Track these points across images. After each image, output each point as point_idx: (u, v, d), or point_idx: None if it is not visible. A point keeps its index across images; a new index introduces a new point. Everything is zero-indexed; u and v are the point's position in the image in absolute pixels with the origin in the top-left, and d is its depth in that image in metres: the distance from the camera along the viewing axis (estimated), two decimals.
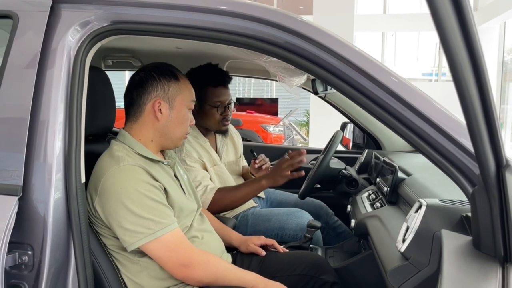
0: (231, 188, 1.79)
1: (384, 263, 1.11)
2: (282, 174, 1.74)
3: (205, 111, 1.86)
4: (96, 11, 1.05)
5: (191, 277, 1.17)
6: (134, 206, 1.11)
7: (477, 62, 0.54)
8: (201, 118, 1.87)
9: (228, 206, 1.78)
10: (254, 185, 1.77)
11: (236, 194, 1.76)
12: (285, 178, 1.74)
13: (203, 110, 1.86)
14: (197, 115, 1.84)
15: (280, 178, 1.75)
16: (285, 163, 1.75)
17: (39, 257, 0.98)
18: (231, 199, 1.75)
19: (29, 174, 1.00)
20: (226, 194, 1.75)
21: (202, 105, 1.85)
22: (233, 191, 1.77)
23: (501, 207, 0.69)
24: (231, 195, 1.75)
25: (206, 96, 1.84)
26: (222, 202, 1.74)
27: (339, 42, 0.97)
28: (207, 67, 1.88)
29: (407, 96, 0.92)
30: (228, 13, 0.99)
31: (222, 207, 1.76)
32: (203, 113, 1.86)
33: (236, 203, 1.79)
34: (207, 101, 1.85)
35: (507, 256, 0.71)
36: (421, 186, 1.35)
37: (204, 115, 1.87)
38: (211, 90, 1.85)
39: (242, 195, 1.76)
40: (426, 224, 0.97)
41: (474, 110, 0.60)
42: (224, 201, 1.74)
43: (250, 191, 1.77)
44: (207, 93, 1.84)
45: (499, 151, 0.64)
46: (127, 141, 1.24)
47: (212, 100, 1.85)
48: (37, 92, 1.03)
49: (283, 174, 1.74)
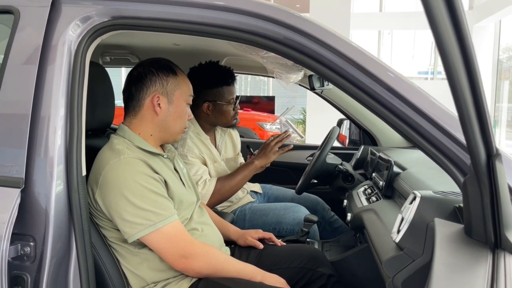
0: (228, 175, 1.86)
1: (380, 254, 1.13)
2: (272, 150, 1.86)
3: (222, 109, 1.90)
4: (97, 6, 1.07)
5: (191, 268, 1.19)
6: (134, 198, 1.13)
7: (468, 56, 0.57)
8: (216, 116, 1.91)
9: (229, 192, 1.84)
10: (248, 167, 1.86)
11: (234, 179, 1.84)
12: (276, 153, 1.87)
13: (220, 108, 1.90)
14: (211, 114, 1.87)
15: (271, 154, 1.87)
16: (273, 140, 1.87)
17: (41, 248, 1.00)
18: (230, 184, 1.82)
19: (31, 167, 1.02)
20: (225, 181, 1.82)
21: (218, 104, 1.89)
22: (230, 177, 1.85)
23: (492, 195, 0.71)
24: (230, 181, 1.83)
25: (222, 95, 1.89)
26: (223, 189, 1.80)
27: (337, 38, 0.99)
28: (216, 67, 1.90)
29: (404, 91, 0.94)
30: (227, 8, 1.01)
31: (223, 194, 1.82)
32: (219, 111, 1.90)
33: (235, 188, 1.85)
34: (223, 99, 1.89)
35: (497, 242, 0.74)
36: (416, 179, 1.37)
37: (219, 113, 1.91)
38: (227, 88, 1.89)
39: (240, 178, 1.84)
40: (420, 215, 0.99)
41: (465, 101, 0.62)
42: (225, 188, 1.81)
43: (246, 173, 1.86)
44: (223, 91, 1.89)
45: (489, 141, 0.66)
46: (127, 135, 1.26)
47: (228, 98, 1.90)
48: (38, 87, 1.04)
49: (273, 150, 1.86)
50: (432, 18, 0.53)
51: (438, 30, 0.54)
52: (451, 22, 0.54)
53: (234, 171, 1.88)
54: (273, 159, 1.88)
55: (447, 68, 0.57)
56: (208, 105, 1.88)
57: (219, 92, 1.88)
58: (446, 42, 0.55)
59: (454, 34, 0.55)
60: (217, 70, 1.89)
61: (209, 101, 1.87)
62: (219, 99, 1.88)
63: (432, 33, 0.55)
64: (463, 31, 0.55)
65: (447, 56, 0.57)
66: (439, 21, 0.53)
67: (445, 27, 0.54)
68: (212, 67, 1.89)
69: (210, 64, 1.90)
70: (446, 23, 0.54)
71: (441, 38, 0.55)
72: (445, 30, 0.54)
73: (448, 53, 0.57)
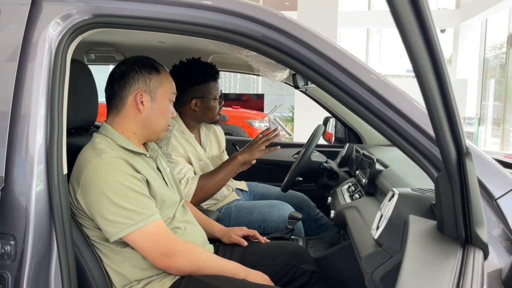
0: (211, 172, 1.84)
1: (360, 251, 1.15)
2: (259, 148, 1.84)
3: (209, 105, 1.91)
4: (78, 4, 1.06)
5: (173, 266, 1.20)
6: (116, 197, 1.13)
7: (436, 55, 0.58)
8: (204, 112, 1.92)
9: (212, 189, 1.82)
10: (231, 162, 1.85)
11: (217, 175, 1.82)
12: (262, 152, 1.86)
13: (208, 104, 1.91)
14: (198, 111, 1.88)
15: (256, 152, 1.85)
16: (262, 138, 1.86)
17: (22, 247, 1.00)
18: (213, 182, 1.80)
19: (11, 165, 1.01)
20: (208, 178, 1.80)
21: (207, 100, 1.90)
22: (213, 174, 1.82)
23: (462, 192, 0.73)
24: (213, 178, 1.81)
25: (210, 91, 1.90)
26: (206, 186, 1.78)
27: (316, 37, 1.00)
28: (201, 63, 1.91)
29: (382, 91, 0.96)
30: (207, 7, 1.01)
31: (206, 192, 1.80)
32: (207, 107, 1.91)
33: (219, 184, 1.83)
34: (210, 95, 1.90)
35: (468, 238, 0.76)
36: (397, 177, 1.40)
37: (206, 109, 1.91)
38: (213, 84, 1.91)
39: (223, 174, 1.82)
40: (398, 211, 1.01)
41: (434, 102, 0.64)
42: (207, 185, 1.79)
43: (229, 169, 1.84)
44: (210, 87, 1.90)
45: (459, 139, 0.68)
46: (109, 134, 1.26)
47: (215, 93, 1.92)
48: (18, 85, 1.03)
49: (260, 148, 1.84)
50: (397, 16, 0.54)
51: (404, 28, 0.55)
52: (416, 20, 0.55)
53: (217, 167, 1.87)
54: (257, 157, 1.86)
55: (414, 66, 0.58)
56: (196, 101, 1.88)
57: (207, 88, 1.89)
58: (413, 41, 0.56)
59: (420, 32, 0.56)
60: (203, 67, 1.90)
61: (197, 98, 1.88)
62: (207, 95, 1.89)
63: (398, 32, 0.56)
64: (429, 29, 0.56)
65: (414, 55, 0.58)
66: (404, 20, 0.54)
67: (410, 25, 0.55)
68: (197, 64, 1.90)
69: (194, 61, 1.91)
70: (412, 21, 0.55)
71: (407, 37, 0.56)
72: (411, 28, 0.55)
73: (415, 52, 0.58)
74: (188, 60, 1.91)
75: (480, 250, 0.75)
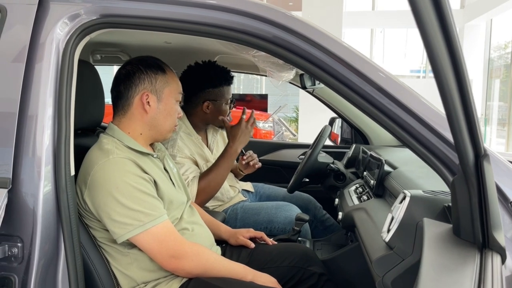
0: (210, 170, 1.82)
1: (370, 253, 1.14)
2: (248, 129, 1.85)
3: (221, 108, 1.91)
4: (85, 4, 1.05)
5: (181, 268, 1.18)
6: (123, 198, 1.12)
7: (456, 56, 0.57)
8: (213, 115, 1.91)
9: (216, 188, 1.81)
10: (227, 154, 1.82)
11: (218, 171, 1.80)
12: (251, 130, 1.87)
13: (219, 108, 1.91)
14: (209, 113, 1.87)
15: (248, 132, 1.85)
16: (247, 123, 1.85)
17: (29, 249, 0.99)
18: (216, 179, 1.79)
19: (18, 167, 1.00)
20: (209, 176, 1.79)
21: (219, 103, 1.90)
22: (213, 171, 1.81)
23: (480, 195, 0.72)
24: (214, 175, 1.79)
25: (223, 94, 1.90)
26: (209, 187, 1.78)
27: (327, 37, 0.99)
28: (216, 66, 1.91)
29: (393, 90, 0.95)
30: (217, 7, 1.00)
31: (210, 192, 1.79)
32: (217, 110, 1.91)
33: (222, 180, 1.82)
34: (223, 99, 1.91)
35: (485, 242, 0.74)
36: (406, 178, 1.38)
37: (217, 113, 1.91)
38: (227, 88, 1.92)
39: (224, 167, 1.81)
40: (410, 214, 0.99)
41: (453, 102, 0.62)
42: (211, 184, 1.78)
43: (227, 162, 1.82)
44: (223, 91, 1.90)
45: (477, 141, 0.67)
46: (116, 134, 1.25)
47: (227, 97, 1.93)
48: (26, 86, 1.03)
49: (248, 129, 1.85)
50: (419, 17, 0.53)
51: (425, 29, 0.54)
52: (438, 21, 0.54)
53: (214, 163, 1.84)
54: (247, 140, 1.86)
55: (435, 69, 0.57)
56: (208, 104, 1.88)
57: (221, 91, 1.89)
58: (434, 42, 0.55)
59: (442, 33, 0.55)
60: (219, 70, 1.90)
61: (210, 100, 1.88)
62: (220, 98, 1.90)
63: (420, 34, 0.55)
64: (451, 31, 0.55)
65: (434, 56, 0.57)
66: (426, 21, 0.53)
67: (432, 27, 0.54)
68: (213, 67, 1.90)
69: (211, 64, 1.91)
70: (433, 22, 0.54)
71: (428, 38, 0.55)
72: (432, 30, 0.54)
73: (436, 53, 0.57)
74: (204, 62, 1.91)
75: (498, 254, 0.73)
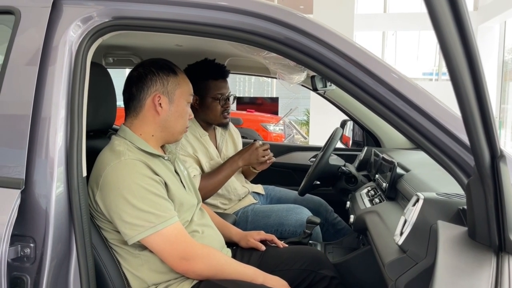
0: (211, 173, 1.87)
1: (382, 257, 1.12)
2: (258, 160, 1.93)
3: (207, 104, 1.91)
4: (98, 6, 1.06)
5: (192, 270, 1.18)
6: (135, 200, 1.12)
7: (473, 56, 0.56)
8: (203, 111, 1.92)
9: (212, 191, 1.86)
10: (231, 166, 1.89)
11: (218, 177, 1.86)
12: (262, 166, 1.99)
13: (205, 103, 1.91)
14: (199, 109, 1.89)
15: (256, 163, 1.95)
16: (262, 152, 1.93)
17: (41, 249, 1.00)
18: (214, 184, 1.85)
19: (31, 168, 1.02)
20: (210, 179, 1.84)
21: (204, 98, 1.90)
22: (214, 175, 1.86)
23: (496, 197, 0.70)
24: (214, 180, 1.85)
25: (208, 89, 1.90)
26: (206, 188, 1.81)
27: (339, 38, 0.98)
28: (205, 61, 1.92)
29: (407, 92, 0.93)
30: (228, 8, 1.00)
31: (206, 193, 1.83)
32: (205, 106, 1.91)
33: (219, 185, 1.88)
34: (209, 94, 1.90)
35: (502, 245, 0.72)
36: (419, 181, 1.36)
37: (206, 108, 1.92)
38: (213, 83, 1.90)
39: (222, 177, 1.87)
40: (423, 217, 0.98)
41: (469, 102, 0.61)
42: (209, 187, 1.83)
43: (227, 170, 1.88)
44: (209, 86, 1.90)
45: (493, 142, 0.65)
46: (128, 136, 1.25)
47: (213, 92, 1.90)
48: (39, 88, 1.04)
49: (259, 160, 1.93)
50: (436, 19, 0.52)
51: (441, 31, 0.53)
52: (455, 23, 0.53)
53: (217, 168, 1.89)
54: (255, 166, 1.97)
55: (451, 69, 0.56)
56: (196, 98, 1.89)
57: (205, 86, 1.89)
58: (450, 43, 0.55)
59: (458, 35, 0.54)
60: (206, 65, 1.90)
61: (196, 95, 1.87)
62: (205, 93, 1.89)
63: (435, 34, 0.54)
64: (467, 32, 0.54)
65: (450, 58, 0.56)
66: (442, 22, 0.52)
67: (448, 28, 0.53)
68: (204, 62, 1.91)
69: (204, 61, 1.92)
70: (450, 24, 0.53)
71: (445, 39, 0.54)
72: (449, 31, 0.54)
73: (452, 54, 0.56)
74: (201, 60, 1.92)
75: None
